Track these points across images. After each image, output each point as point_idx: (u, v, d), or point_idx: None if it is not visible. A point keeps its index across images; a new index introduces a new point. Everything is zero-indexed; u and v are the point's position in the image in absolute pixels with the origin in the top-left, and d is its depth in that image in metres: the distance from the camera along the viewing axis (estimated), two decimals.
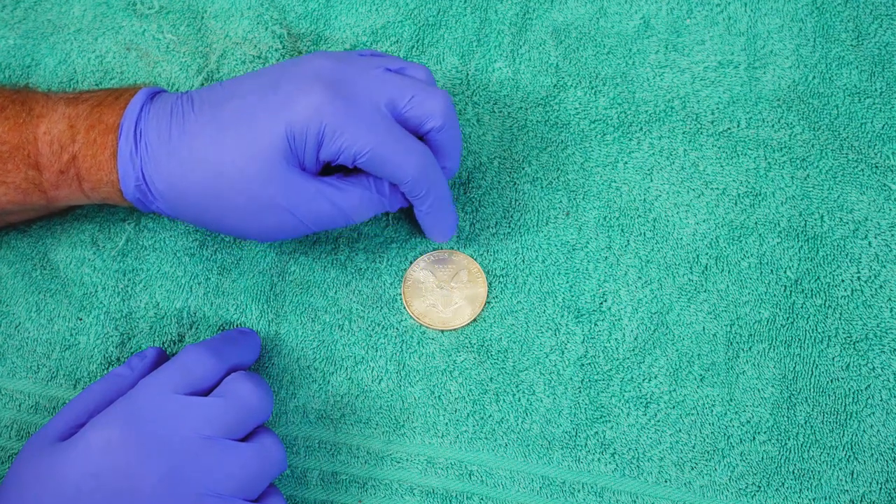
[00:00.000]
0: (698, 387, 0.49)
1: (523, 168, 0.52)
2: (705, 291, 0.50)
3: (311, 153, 0.43)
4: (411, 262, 0.50)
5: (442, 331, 0.49)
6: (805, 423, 0.48)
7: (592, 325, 0.50)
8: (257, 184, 0.43)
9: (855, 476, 0.47)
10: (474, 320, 0.50)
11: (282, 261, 0.51)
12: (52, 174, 0.44)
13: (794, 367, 0.49)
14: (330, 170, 0.47)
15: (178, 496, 0.40)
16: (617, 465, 0.48)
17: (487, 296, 0.50)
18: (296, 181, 0.43)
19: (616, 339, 0.49)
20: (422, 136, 0.46)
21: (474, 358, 0.49)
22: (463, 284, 0.50)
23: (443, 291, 0.50)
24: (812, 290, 0.50)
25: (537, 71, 0.54)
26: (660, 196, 0.52)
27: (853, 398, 0.48)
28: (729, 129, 0.53)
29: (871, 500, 0.47)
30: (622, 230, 0.51)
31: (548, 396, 0.49)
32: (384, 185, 0.46)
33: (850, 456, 0.48)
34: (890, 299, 0.50)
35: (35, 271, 0.50)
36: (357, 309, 0.50)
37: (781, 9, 0.55)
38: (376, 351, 0.49)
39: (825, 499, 0.47)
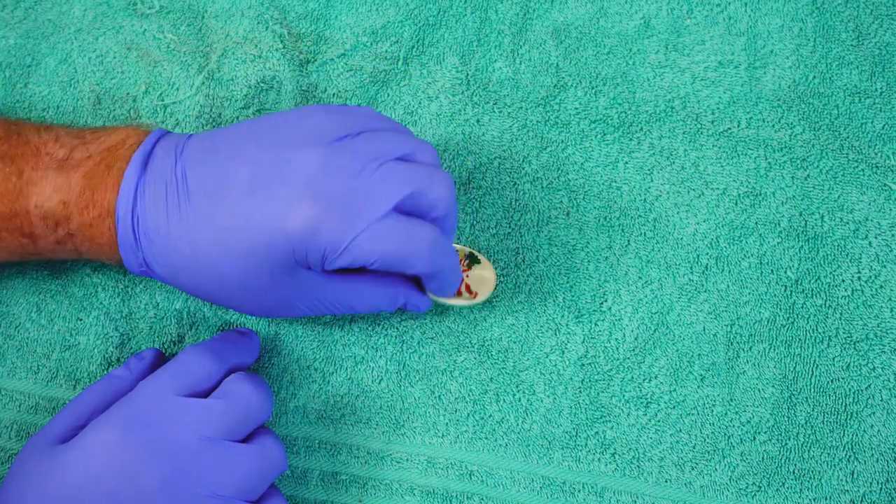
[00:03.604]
0: (699, 387, 0.49)
1: (523, 168, 0.52)
2: (705, 291, 0.50)
3: (315, 264, 0.42)
4: None
5: (459, 307, 0.49)
6: (805, 423, 0.48)
7: (593, 325, 0.50)
8: (261, 289, 0.43)
9: (855, 476, 0.48)
10: (488, 300, 0.49)
11: None
12: (48, 244, 0.44)
13: (795, 367, 0.49)
14: None
15: (179, 498, 0.39)
16: (617, 465, 0.48)
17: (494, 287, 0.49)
18: (302, 279, 0.43)
19: (616, 339, 0.49)
20: None
21: (474, 358, 0.49)
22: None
23: None
24: (812, 290, 0.50)
25: (537, 71, 0.54)
26: (660, 196, 0.52)
27: (853, 398, 0.48)
28: (729, 129, 0.53)
29: (871, 500, 0.47)
30: (622, 230, 0.51)
31: (548, 396, 0.49)
32: (399, 290, 0.45)
33: (850, 456, 0.48)
34: (890, 299, 0.50)
35: (35, 271, 0.50)
36: None
37: (781, 9, 0.54)
38: (376, 351, 0.49)
39: (825, 499, 0.47)
